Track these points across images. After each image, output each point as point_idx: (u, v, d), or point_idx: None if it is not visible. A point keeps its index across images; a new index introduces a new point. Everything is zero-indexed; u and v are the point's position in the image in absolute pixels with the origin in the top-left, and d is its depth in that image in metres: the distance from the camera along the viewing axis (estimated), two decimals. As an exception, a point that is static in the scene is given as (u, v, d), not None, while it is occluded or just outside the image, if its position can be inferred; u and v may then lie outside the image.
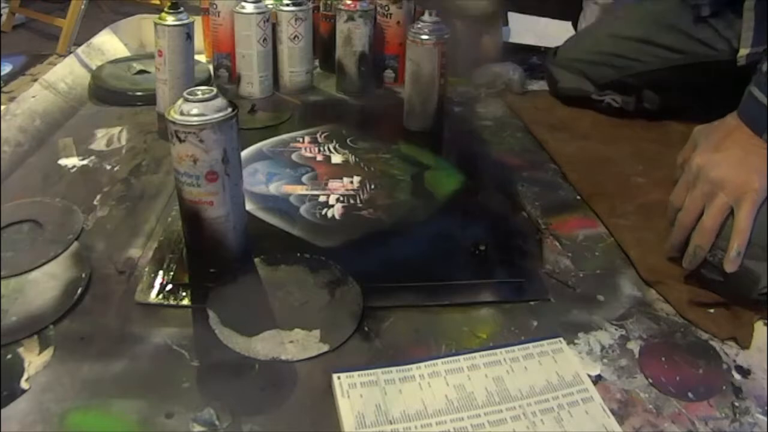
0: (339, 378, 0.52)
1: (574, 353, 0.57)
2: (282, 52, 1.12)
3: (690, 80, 0.99)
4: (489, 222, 0.77)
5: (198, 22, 1.10)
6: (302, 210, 0.78)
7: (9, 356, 0.55)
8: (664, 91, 1.03)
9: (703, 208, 0.63)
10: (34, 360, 0.54)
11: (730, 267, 0.60)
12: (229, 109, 0.60)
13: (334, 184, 0.84)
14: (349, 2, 1.09)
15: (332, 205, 0.79)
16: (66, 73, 1.14)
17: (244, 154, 0.89)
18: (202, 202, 0.62)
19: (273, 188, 0.83)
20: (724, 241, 0.61)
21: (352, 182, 0.85)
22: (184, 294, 0.63)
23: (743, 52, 0.86)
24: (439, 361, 0.55)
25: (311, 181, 0.85)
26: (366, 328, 0.59)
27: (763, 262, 0.60)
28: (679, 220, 0.66)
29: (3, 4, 2.58)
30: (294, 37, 1.10)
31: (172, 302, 0.62)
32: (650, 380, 0.55)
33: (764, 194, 0.60)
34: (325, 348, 0.56)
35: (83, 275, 0.64)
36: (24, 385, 0.52)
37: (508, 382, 0.53)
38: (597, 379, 0.55)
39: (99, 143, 0.94)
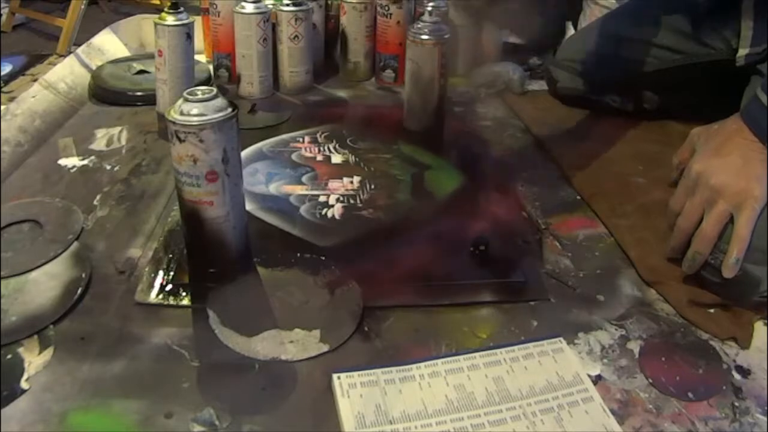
0: (339, 378, 0.52)
1: (574, 353, 0.57)
2: (282, 52, 1.12)
3: (689, 80, 0.99)
4: (489, 222, 0.77)
5: (198, 22, 1.10)
6: (302, 210, 0.78)
7: (9, 356, 0.55)
8: (663, 92, 1.03)
9: (702, 214, 0.63)
10: (34, 360, 0.54)
11: (728, 273, 0.60)
12: (229, 109, 0.60)
13: (334, 184, 0.84)
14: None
15: (332, 205, 0.79)
16: (66, 73, 1.14)
17: (244, 154, 0.89)
18: (202, 202, 0.62)
19: (273, 188, 0.83)
20: (725, 244, 0.61)
21: (352, 182, 0.85)
22: (184, 294, 0.63)
23: (742, 52, 0.86)
24: (439, 361, 0.55)
25: (311, 181, 0.85)
26: (366, 328, 0.59)
27: (764, 266, 0.60)
28: (679, 225, 0.66)
29: (3, 4, 2.58)
30: (294, 37, 1.10)
31: (172, 302, 0.62)
32: (650, 380, 0.55)
33: (764, 201, 0.60)
34: (325, 348, 0.56)
35: (83, 275, 0.64)
36: (24, 385, 0.52)
37: (508, 382, 0.53)
38: (597, 379, 0.55)
39: (99, 143, 0.94)
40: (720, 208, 0.61)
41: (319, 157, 0.91)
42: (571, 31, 1.42)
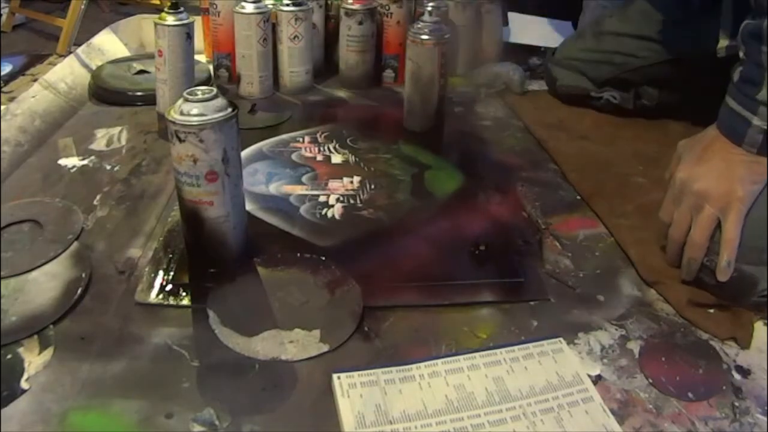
0: (339, 378, 0.52)
1: (574, 353, 0.57)
2: (282, 52, 1.12)
3: (688, 75, 0.99)
4: (489, 222, 0.77)
5: (198, 22, 1.09)
6: (302, 210, 0.78)
7: (9, 356, 0.55)
8: (662, 87, 1.03)
9: (691, 221, 0.64)
10: (34, 360, 0.54)
11: (722, 276, 0.61)
12: (229, 109, 0.60)
13: (334, 184, 0.84)
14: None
15: (332, 205, 0.79)
16: (66, 73, 1.14)
17: (244, 154, 0.89)
18: (202, 202, 0.62)
19: (273, 188, 0.83)
20: (718, 245, 0.61)
21: (352, 182, 0.85)
22: (184, 294, 0.63)
23: (722, 43, 0.86)
24: (439, 361, 0.55)
25: (311, 181, 0.85)
26: (366, 328, 0.59)
27: (762, 266, 0.60)
28: (670, 235, 0.66)
29: (3, 4, 2.58)
30: (294, 37, 1.10)
31: (172, 302, 0.62)
32: (650, 380, 0.55)
33: (749, 202, 0.61)
34: (325, 348, 0.56)
35: (83, 275, 0.64)
36: (24, 385, 0.52)
37: (508, 382, 0.53)
38: (597, 379, 0.55)
39: (99, 143, 0.94)
40: (706, 212, 0.62)
41: (319, 157, 0.91)
42: (571, 31, 1.42)
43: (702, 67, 0.96)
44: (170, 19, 0.89)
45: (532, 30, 1.44)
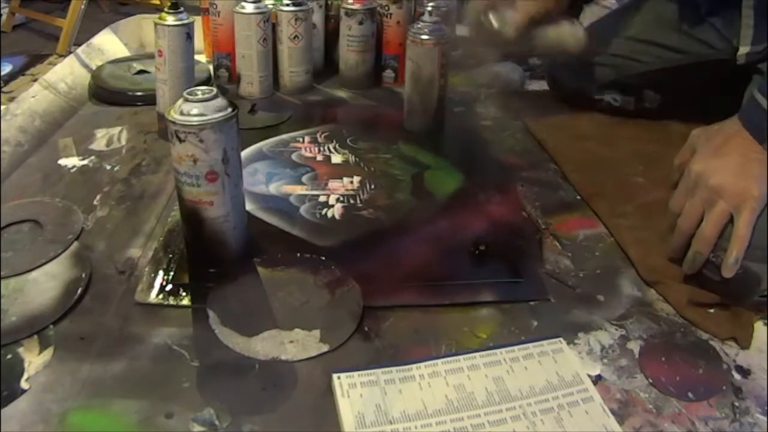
0: (339, 378, 0.52)
1: (574, 353, 0.57)
2: (282, 52, 1.12)
3: (691, 79, 0.99)
4: (489, 222, 0.77)
5: (198, 22, 1.09)
6: (302, 210, 0.78)
7: (9, 356, 0.55)
8: (664, 91, 1.03)
9: (702, 215, 0.63)
10: (34, 360, 0.54)
11: (727, 273, 0.61)
12: (229, 109, 0.60)
13: (334, 184, 0.84)
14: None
15: (332, 205, 0.79)
16: (66, 73, 1.14)
17: (244, 154, 0.89)
18: (202, 202, 0.62)
19: (273, 188, 0.83)
20: (726, 242, 0.61)
21: (352, 182, 0.85)
22: (184, 294, 0.63)
23: (743, 50, 0.86)
24: (439, 361, 0.55)
25: (311, 181, 0.85)
26: (366, 328, 0.59)
27: (764, 264, 0.60)
28: (679, 226, 0.66)
29: (3, 4, 2.59)
30: (294, 37, 1.10)
31: (172, 302, 0.62)
32: (650, 380, 0.55)
33: (764, 201, 0.60)
34: (325, 348, 0.56)
35: (83, 275, 0.64)
36: (24, 385, 0.52)
37: (508, 382, 0.53)
38: (597, 379, 0.55)
39: (99, 143, 0.94)
40: (720, 208, 0.61)
41: (319, 157, 0.91)
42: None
43: (707, 72, 0.96)
44: (170, 19, 0.89)
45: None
